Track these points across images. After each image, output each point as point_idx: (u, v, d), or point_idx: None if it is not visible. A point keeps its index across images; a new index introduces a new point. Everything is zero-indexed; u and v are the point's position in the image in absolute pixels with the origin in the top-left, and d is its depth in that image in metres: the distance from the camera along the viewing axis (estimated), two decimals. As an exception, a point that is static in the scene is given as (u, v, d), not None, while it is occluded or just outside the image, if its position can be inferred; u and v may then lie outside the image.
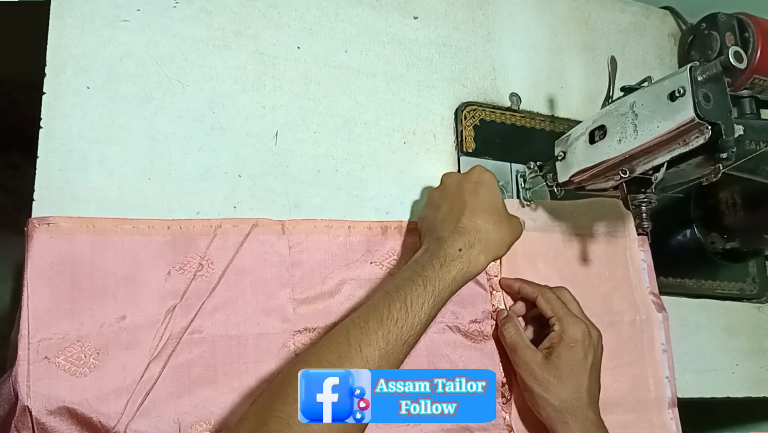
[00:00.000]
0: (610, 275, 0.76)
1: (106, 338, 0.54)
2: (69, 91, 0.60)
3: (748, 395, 0.84)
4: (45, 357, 0.52)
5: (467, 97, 0.77)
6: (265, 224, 0.62)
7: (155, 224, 0.59)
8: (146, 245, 0.58)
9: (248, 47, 0.68)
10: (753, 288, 0.88)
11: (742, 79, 0.83)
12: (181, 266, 0.58)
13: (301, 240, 0.63)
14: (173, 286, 0.57)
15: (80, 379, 0.53)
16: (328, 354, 0.50)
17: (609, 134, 0.62)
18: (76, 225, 0.56)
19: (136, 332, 0.55)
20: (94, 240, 0.56)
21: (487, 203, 0.62)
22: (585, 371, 0.63)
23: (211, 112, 0.65)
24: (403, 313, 0.53)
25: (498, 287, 0.71)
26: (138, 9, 0.65)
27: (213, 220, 0.61)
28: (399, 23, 0.76)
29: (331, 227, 0.65)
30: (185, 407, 0.55)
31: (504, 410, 0.66)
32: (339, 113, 0.71)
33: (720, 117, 0.56)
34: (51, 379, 0.52)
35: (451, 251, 0.58)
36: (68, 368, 0.53)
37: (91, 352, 0.54)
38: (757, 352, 0.87)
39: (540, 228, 0.74)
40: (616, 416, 0.71)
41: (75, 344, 0.53)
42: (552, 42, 0.85)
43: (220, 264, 0.59)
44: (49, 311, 0.53)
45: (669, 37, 0.94)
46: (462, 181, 0.64)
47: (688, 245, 0.84)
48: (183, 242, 0.59)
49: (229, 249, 0.60)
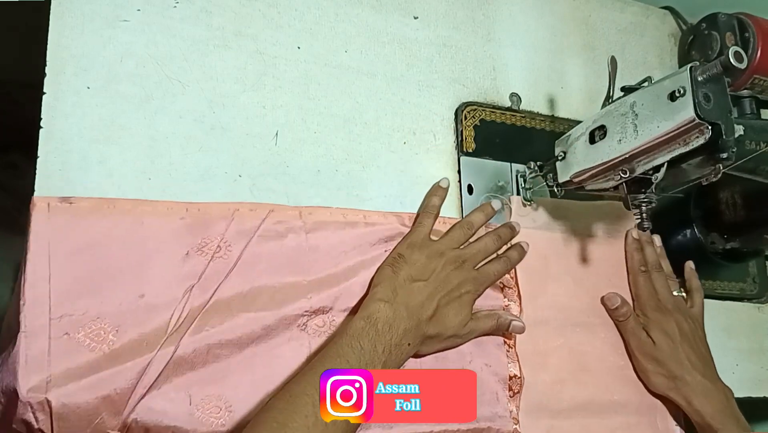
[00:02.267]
0: (616, 275, 0.77)
1: (125, 316, 0.55)
2: (69, 91, 0.60)
3: (749, 395, 0.84)
4: (66, 333, 0.53)
5: (467, 97, 0.77)
6: (281, 210, 0.64)
7: (173, 206, 0.60)
8: (165, 226, 0.59)
9: (248, 47, 0.68)
10: (753, 288, 0.88)
11: (743, 79, 0.83)
12: (199, 247, 0.59)
13: (317, 226, 0.64)
14: (191, 267, 0.58)
15: (99, 355, 0.54)
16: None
17: (609, 134, 0.62)
18: (96, 205, 0.57)
19: (154, 311, 0.56)
20: (114, 220, 0.57)
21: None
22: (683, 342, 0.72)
23: (211, 112, 0.65)
24: None
25: (509, 284, 0.71)
26: (138, 9, 0.64)
27: (230, 204, 0.62)
28: (399, 23, 0.76)
29: (347, 215, 0.66)
30: (197, 383, 0.56)
31: (511, 403, 0.67)
32: (339, 113, 0.71)
33: (720, 117, 0.56)
34: (71, 354, 0.53)
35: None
36: (87, 344, 0.54)
37: (110, 329, 0.55)
38: (757, 352, 0.87)
39: (542, 227, 0.74)
40: (621, 418, 0.72)
41: (95, 321, 0.54)
42: (552, 42, 0.85)
43: (237, 246, 0.60)
44: (69, 288, 0.54)
45: (669, 37, 0.94)
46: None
47: (688, 245, 0.84)
48: (201, 224, 0.60)
49: (246, 232, 0.61)
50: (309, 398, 0.52)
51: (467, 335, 0.65)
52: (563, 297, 0.73)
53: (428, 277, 0.63)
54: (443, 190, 0.70)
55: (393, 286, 0.61)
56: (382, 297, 0.60)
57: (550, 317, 0.72)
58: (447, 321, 0.63)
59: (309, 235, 0.63)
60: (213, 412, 0.56)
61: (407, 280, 0.62)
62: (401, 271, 0.63)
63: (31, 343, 0.52)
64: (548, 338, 0.71)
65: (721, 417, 0.70)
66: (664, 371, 0.72)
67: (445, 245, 0.66)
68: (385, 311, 0.59)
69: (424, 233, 0.66)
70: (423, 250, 0.64)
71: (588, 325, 0.74)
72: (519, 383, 0.68)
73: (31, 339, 0.52)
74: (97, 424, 0.53)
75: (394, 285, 0.61)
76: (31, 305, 0.53)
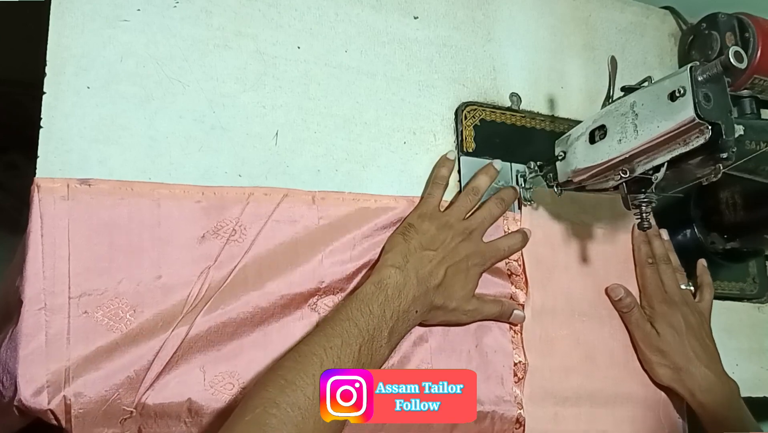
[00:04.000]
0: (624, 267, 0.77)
1: (142, 296, 0.57)
2: (69, 91, 0.60)
3: (749, 395, 0.84)
4: (85, 312, 0.55)
5: (467, 97, 0.77)
6: (295, 194, 0.65)
7: (190, 190, 0.61)
8: (181, 208, 0.60)
9: (248, 47, 0.68)
10: (753, 288, 0.88)
11: (743, 79, 0.83)
12: (215, 230, 0.61)
13: (330, 211, 0.65)
14: (207, 249, 0.60)
15: (116, 334, 0.55)
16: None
17: (609, 134, 0.62)
18: (114, 188, 0.59)
19: (171, 291, 0.58)
20: (132, 203, 0.59)
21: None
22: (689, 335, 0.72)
23: (211, 111, 0.65)
24: None
25: (517, 272, 0.72)
26: (138, 9, 0.64)
27: (246, 188, 0.63)
28: (399, 23, 0.76)
29: (358, 199, 0.67)
30: (211, 361, 0.58)
31: (516, 388, 0.68)
32: (339, 113, 0.71)
33: (720, 117, 0.56)
34: (89, 333, 0.54)
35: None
36: (106, 323, 0.55)
37: (128, 308, 0.56)
38: (757, 352, 0.86)
39: (549, 218, 0.75)
40: (626, 409, 0.72)
41: (113, 300, 0.56)
42: (552, 42, 0.85)
43: (252, 230, 0.62)
44: (88, 268, 0.56)
45: (669, 37, 0.94)
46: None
47: (688, 245, 0.84)
48: (216, 207, 0.61)
49: (261, 216, 0.62)
50: (317, 358, 0.53)
51: (471, 312, 0.66)
52: (571, 286, 0.74)
53: (437, 247, 0.64)
54: (451, 162, 0.72)
55: (404, 253, 0.63)
56: (393, 263, 0.61)
57: (557, 306, 0.72)
58: (453, 292, 0.64)
59: (321, 218, 0.65)
60: (226, 388, 0.58)
61: (418, 248, 0.63)
62: (412, 239, 0.64)
63: (51, 321, 0.54)
64: (555, 326, 0.72)
65: (724, 411, 0.70)
66: (669, 363, 0.72)
67: (454, 216, 0.67)
68: (395, 277, 0.60)
69: (434, 204, 0.68)
70: (433, 221, 0.66)
71: (595, 316, 0.74)
72: (523, 369, 0.69)
73: (51, 317, 0.54)
74: (113, 401, 0.54)
75: (405, 252, 0.63)
76: (50, 284, 0.54)
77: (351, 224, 0.66)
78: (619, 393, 0.72)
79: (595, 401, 0.71)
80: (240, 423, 0.48)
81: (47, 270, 0.54)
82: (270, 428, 0.48)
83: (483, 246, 0.68)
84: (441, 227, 0.66)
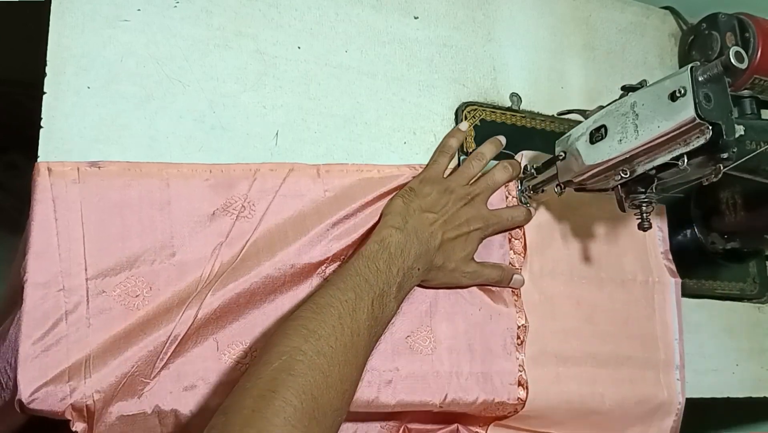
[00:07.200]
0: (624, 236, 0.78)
1: (158, 274, 0.58)
2: (69, 91, 0.60)
3: (749, 396, 0.84)
4: (102, 291, 0.56)
5: (468, 97, 0.77)
6: (300, 168, 0.66)
7: (197, 168, 0.62)
8: (190, 187, 0.61)
9: (248, 47, 0.68)
10: (753, 288, 0.88)
11: (743, 79, 0.83)
12: (225, 207, 0.62)
13: (335, 183, 0.66)
14: (218, 226, 0.61)
15: (134, 312, 0.57)
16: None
17: (609, 134, 0.62)
18: (123, 169, 0.59)
19: (185, 268, 0.59)
20: (142, 183, 0.60)
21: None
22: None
23: (211, 111, 0.65)
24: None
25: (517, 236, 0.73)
26: (138, 9, 0.64)
27: (252, 164, 0.64)
28: (399, 23, 0.76)
29: (362, 170, 0.68)
30: (224, 329, 0.60)
31: (518, 350, 0.69)
32: (339, 113, 0.71)
33: (721, 117, 0.56)
34: (107, 312, 0.56)
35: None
36: (123, 300, 0.57)
37: (144, 286, 0.58)
38: (758, 352, 0.86)
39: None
40: (626, 370, 0.74)
41: (129, 279, 0.57)
42: (552, 42, 0.85)
43: (260, 205, 0.63)
44: (102, 249, 0.57)
45: (669, 37, 0.94)
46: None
47: (688, 245, 0.84)
48: (224, 184, 0.62)
49: (268, 191, 0.64)
50: (335, 310, 0.54)
51: (471, 274, 0.67)
52: (571, 250, 0.75)
53: (438, 210, 0.65)
54: (462, 133, 0.73)
55: (403, 214, 0.63)
56: (393, 224, 0.62)
57: (557, 269, 0.74)
58: (453, 254, 0.65)
59: (327, 191, 0.66)
60: (239, 356, 0.59)
61: (417, 210, 0.64)
62: (412, 202, 0.65)
63: (70, 301, 0.55)
64: (555, 288, 0.73)
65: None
66: None
67: (456, 182, 0.68)
68: (396, 236, 0.61)
69: (438, 171, 0.69)
70: (434, 185, 0.67)
71: (595, 278, 0.75)
72: (525, 332, 0.70)
73: (69, 298, 0.55)
74: (131, 374, 0.55)
75: (404, 214, 0.63)
76: (67, 265, 0.55)
77: (356, 194, 0.66)
78: (619, 354, 0.74)
79: (596, 362, 0.73)
80: (268, 370, 0.49)
81: (63, 252, 0.55)
82: (299, 373, 0.49)
83: (486, 211, 0.69)
84: (442, 191, 0.66)
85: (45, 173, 0.57)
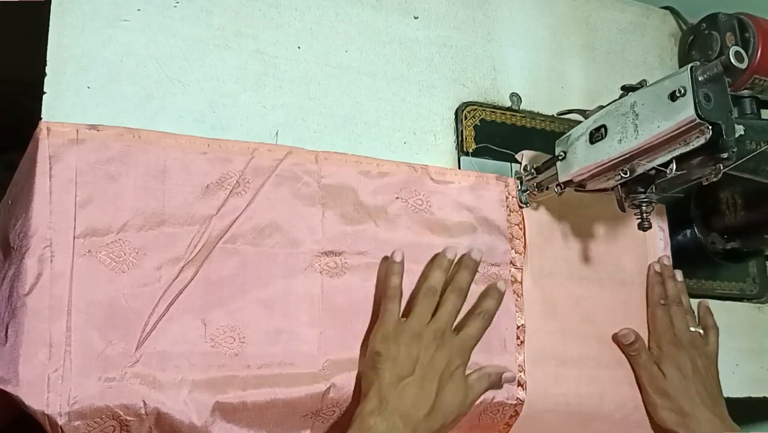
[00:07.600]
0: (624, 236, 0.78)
1: (145, 240, 0.58)
2: (69, 91, 0.60)
3: (749, 395, 0.84)
4: (89, 251, 0.56)
5: (467, 97, 0.77)
6: (298, 152, 0.65)
7: (196, 141, 0.62)
8: (187, 158, 0.61)
9: (248, 47, 0.68)
10: (753, 288, 0.88)
11: (743, 79, 0.83)
12: (219, 181, 0.61)
13: (333, 171, 0.66)
14: (211, 199, 0.61)
15: (119, 275, 0.56)
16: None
17: (609, 134, 0.62)
18: (122, 133, 0.59)
19: (173, 237, 0.59)
20: (139, 149, 0.59)
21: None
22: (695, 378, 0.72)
23: (211, 111, 0.65)
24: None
25: (518, 235, 0.72)
26: (138, 9, 0.64)
27: (250, 143, 0.64)
28: (399, 23, 0.76)
29: (361, 162, 0.68)
30: (213, 311, 0.59)
31: (517, 351, 0.69)
32: (339, 113, 0.71)
33: (721, 117, 0.56)
34: (92, 272, 0.55)
35: None
36: (108, 263, 0.56)
37: (131, 251, 0.57)
38: (758, 352, 0.86)
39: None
40: (626, 371, 0.74)
41: (116, 242, 0.57)
42: (552, 42, 0.85)
43: (255, 183, 0.62)
44: (93, 210, 0.56)
45: (669, 37, 0.94)
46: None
47: (688, 245, 0.84)
48: (221, 159, 0.62)
49: (265, 171, 0.63)
50: None
51: (469, 406, 0.62)
52: (571, 250, 0.75)
53: (413, 368, 0.59)
54: (399, 265, 0.64)
55: (380, 393, 0.57)
56: (371, 410, 0.56)
57: (557, 269, 0.74)
58: (447, 407, 0.59)
59: (323, 178, 0.65)
60: (227, 342, 0.58)
61: (393, 381, 0.58)
62: (385, 373, 0.58)
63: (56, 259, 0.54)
64: (555, 288, 0.73)
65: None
66: (674, 406, 0.71)
67: (419, 322, 0.61)
68: (379, 426, 0.55)
69: (393, 320, 0.61)
70: (398, 338, 0.60)
71: (595, 279, 0.75)
72: (524, 332, 0.70)
73: (56, 253, 0.54)
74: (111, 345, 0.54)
75: (380, 392, 0.57)
76: (57, 220, 0.55)
77: (352, 186, 0.66)
78: (618, 355, 0.74)
79: (596, 362, 0.72)
80: None
81: (54, 207, 0.55)
82: None
83: (457, 342, 0.62)
84: (409, 342, 0.60)
85: (43, 131, 0.57)
